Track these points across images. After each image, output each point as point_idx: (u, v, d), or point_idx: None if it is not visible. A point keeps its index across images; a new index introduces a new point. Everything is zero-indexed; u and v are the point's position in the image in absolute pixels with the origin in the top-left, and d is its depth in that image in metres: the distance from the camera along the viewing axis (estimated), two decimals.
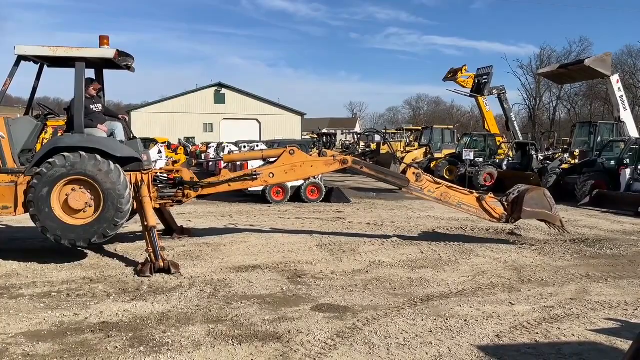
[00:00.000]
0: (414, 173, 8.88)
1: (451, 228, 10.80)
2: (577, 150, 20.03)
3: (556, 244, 9.34)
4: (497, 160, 22.15)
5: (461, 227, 10.86)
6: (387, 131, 42.43)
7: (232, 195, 15.89)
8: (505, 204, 9.08)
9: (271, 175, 8.50)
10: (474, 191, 9.31)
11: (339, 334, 4.85)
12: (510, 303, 5.86)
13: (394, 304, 5.77)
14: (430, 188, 8.89)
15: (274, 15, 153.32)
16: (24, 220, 9.05)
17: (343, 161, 8.69)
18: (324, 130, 51.67)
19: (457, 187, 9.29)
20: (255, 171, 8.45)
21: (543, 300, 6.00)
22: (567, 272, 7.32)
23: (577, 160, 18.89)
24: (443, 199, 8.92)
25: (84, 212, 7.01)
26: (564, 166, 17.70)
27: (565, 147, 23.25)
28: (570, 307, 5.76)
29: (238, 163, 15.59)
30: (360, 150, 38.25)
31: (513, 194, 9.12)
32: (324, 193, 15.28)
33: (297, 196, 15.08)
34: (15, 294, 5.95)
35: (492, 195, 9.24)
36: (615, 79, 18.92)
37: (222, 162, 12.85)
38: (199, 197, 8.61)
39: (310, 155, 8.92)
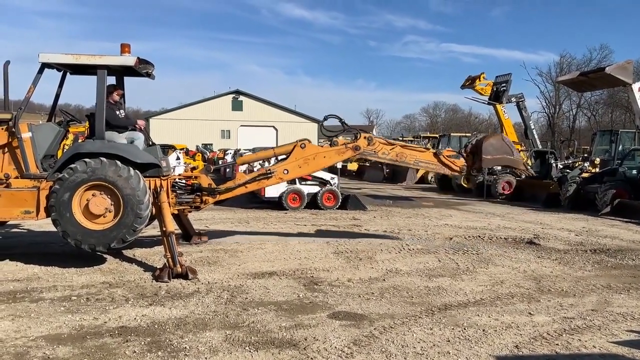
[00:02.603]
0: (365, 137, 8.74)
1: (469, 236, 10.71)
2: (598, 159, 19.74)
3: (576, 254, 9.20)
4: None
5: (479, 236, 10.76)
6: (404, 138, 42.32)
7: (249, 202, 16.00)
8: (465, 155, 8.96)
9: (285, 171, 8.48)
10: (430, 147, 9.22)
11: (356, 342, 4.83)
12: (530, 313, 5.78)
13: (411, 312, 5.73)
14: (384, 150, 8.76)
15: (292, 24, 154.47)
16: (45, 224, 9.22)
17: (355, 147, 8.61)
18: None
19: (412, 145, 9.15)
20: (269, 169, 8.45)
21: (563, 311, 5.91)
22: (587, 282, 7.21)
23: (597, 169, 18.61)
24: (399, 159, 8.81)
25: (104, 217, 7.11)
26: (584, 175, 17.44)
27: (586, 155, 22.94)
28: (591, 318, 5.67)
29: (255, 169, 15.68)
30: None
31: (471, 144, 8.98)
32: (340, 200, 15.27)
33: (313, 203, 15.10)
34: (36, 297, 6.05)
35: (450, 149, 9.12)
36: (636, 87, 18.61)
37: (240, 167, 12.89)
38: (216, 202, 8.67)
39: (326, 150, 8.83)
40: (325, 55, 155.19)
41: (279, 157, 8.94)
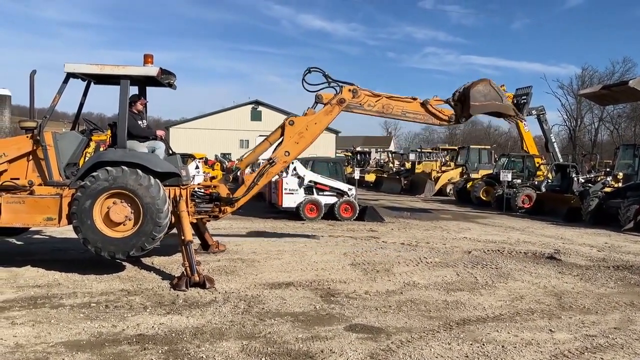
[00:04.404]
0: (349, 90, 8.53)
1: (488, 250, 10.57)
2: (621, 174, 19.39)
3: (598, 270, 9.02)
4: (536, 182, 21.68)
5: (498, 250, 10.62)
6: (423, 150, 42.12)
7: (267, 212, 16.07)
8: (452, 103, 8.78)
9: (287, 153, 8.42)
10: (417, 97, 8.92)
11: (373, 355, 4.78)
12: (550, 330, 5.67)
13: (428, 326, 5.66)
14: (370, 102, 8.58)
15: (312, 35, 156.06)
16: (66, 231, 9.35)
17: (340, 101, 8.47)
18: (358, 149, 51.70)
19: (398, 96, 8.86)
20: (271, 158, 8.44)
21: (585, 328, 5.79)
22: (610, 299, 7.05)
23: (620, 184, 18.28)
24: (386, 111, 8.65)
25: (124, 225, 7.19)
26: (607, 189, 17.15)
27: (608, 169, 22.55)
28: (614, 336, 5.54)
29: (273, 179, 15.73)
30: (394, 169, 38.12)
31: (458, 92, 8.77)
32: (357, 211, 15.23)
33: (330, 214, 15.08)
34: (57, 303, 6.12)
35: (437, 98, 8.91)
36: None
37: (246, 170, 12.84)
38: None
39: (314, 116, 8.56)
40: (343, 66, 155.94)
41: (275, 144, 8.79)
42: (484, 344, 5.15)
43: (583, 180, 20.02)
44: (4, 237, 9.37)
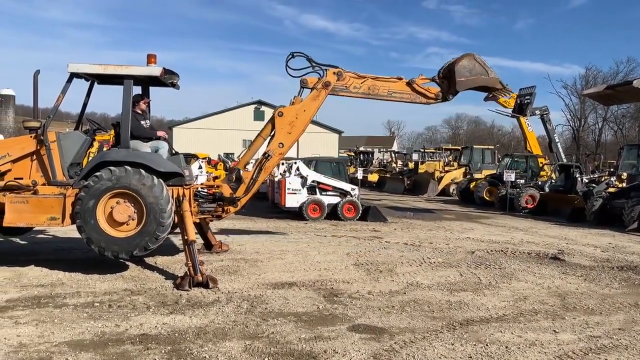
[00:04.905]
0: (334, 72, 8.51)
1: (491, 251, 10.55)
2: (625, 174, 19.33)
3: (602, 270, 8.98)
4: (540, 182, 21.64)
5: (502, 250, 10.59)
6: (426, 150, 42.06)
7: (270, 212, 16.07)
8: (438, 80, 8.78)
9: (281, 145, 8.43)
10: (402, 77, 8.86)
11: (376, 356, 4.78)
12: (554, 331, 5.65)
13: (432, 327, 5.65)
14: (355, 84, 8.57)
15: (315, 35, 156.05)
16: (69, 231, 9.37)
17: (325, 84, 8.46)
18: (361, 148, 51.69)
19: (384, 76, 8.81)
20: (266, 152, 8.45)
21: (589, 329, 5.76)
22: (614, 300, 7.02)
23: (624, 184, 18.22)
24: (372, 92, 8.63)
25: (127, 225, 7.19)
26: (611, 190, 17.09)
27: (612, 170, 22.47)
28: (618, 337, 5.51)
29: (276, 179, 15.77)
30: (397, 169, 38.08)
31: (443, 69, 8.78)
32: (360, 211, 15.22)
33: (333, 214, 15.08)
34: (60, 303, 6.13)
35: (423, 76, 8.87)
36: None
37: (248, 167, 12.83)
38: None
39: (302, 104, 8.51)
40: (347, 66, 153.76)
41: (268, 138, 8.80)
42: (487, 345, 5.14)
43: (587, 181, 19.98)
44: (8, 236, 9.38)
